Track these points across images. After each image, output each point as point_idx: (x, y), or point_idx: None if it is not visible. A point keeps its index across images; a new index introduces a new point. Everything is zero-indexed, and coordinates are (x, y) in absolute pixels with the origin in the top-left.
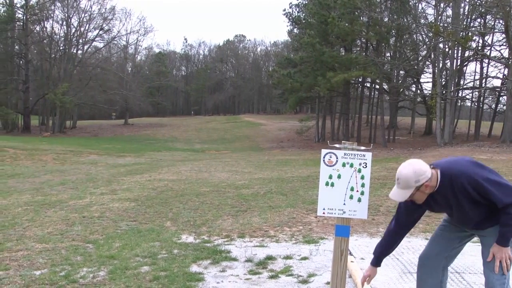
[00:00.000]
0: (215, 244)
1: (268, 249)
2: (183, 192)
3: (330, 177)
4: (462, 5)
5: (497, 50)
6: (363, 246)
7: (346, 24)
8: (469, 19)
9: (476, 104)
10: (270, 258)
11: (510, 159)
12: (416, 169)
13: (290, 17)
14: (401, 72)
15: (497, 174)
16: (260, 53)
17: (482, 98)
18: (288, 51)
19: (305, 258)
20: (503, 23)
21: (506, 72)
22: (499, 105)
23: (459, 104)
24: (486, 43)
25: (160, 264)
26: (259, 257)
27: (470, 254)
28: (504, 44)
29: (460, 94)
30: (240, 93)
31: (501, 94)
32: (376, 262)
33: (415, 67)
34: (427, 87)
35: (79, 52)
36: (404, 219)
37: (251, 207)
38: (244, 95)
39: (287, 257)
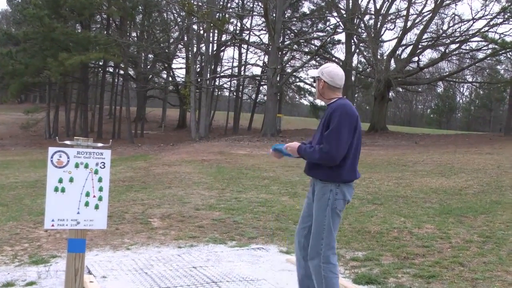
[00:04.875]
0: None
1: None
2: None
3: (61, 181)
4: None
5: (256, 35)
6: (104, 261)
7: None
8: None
9: (234, 94)
10: None
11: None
12: (333, 71)
13: None
14: (150, 56)
15: (350, 131)
16: None
17: (241, 87)
18: (9, 24)
19: (31, 283)
20: (262, 6)
21: (266, 60)
22: (259, 95)
23: (216, 94)
24: (245, 27)
25: None
26: None
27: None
28: (264, 28)
29: (217, 83)
30: None
31: (262, 83)
32: None
33: (166, 50)
34: (180, 74)
35: None
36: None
37: None
38: None
39: (9, 284)
